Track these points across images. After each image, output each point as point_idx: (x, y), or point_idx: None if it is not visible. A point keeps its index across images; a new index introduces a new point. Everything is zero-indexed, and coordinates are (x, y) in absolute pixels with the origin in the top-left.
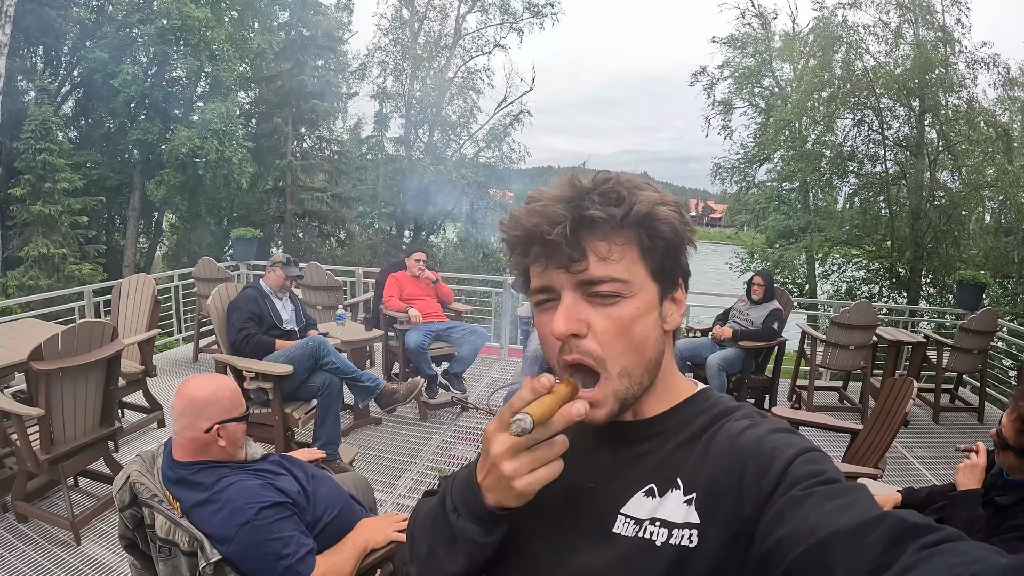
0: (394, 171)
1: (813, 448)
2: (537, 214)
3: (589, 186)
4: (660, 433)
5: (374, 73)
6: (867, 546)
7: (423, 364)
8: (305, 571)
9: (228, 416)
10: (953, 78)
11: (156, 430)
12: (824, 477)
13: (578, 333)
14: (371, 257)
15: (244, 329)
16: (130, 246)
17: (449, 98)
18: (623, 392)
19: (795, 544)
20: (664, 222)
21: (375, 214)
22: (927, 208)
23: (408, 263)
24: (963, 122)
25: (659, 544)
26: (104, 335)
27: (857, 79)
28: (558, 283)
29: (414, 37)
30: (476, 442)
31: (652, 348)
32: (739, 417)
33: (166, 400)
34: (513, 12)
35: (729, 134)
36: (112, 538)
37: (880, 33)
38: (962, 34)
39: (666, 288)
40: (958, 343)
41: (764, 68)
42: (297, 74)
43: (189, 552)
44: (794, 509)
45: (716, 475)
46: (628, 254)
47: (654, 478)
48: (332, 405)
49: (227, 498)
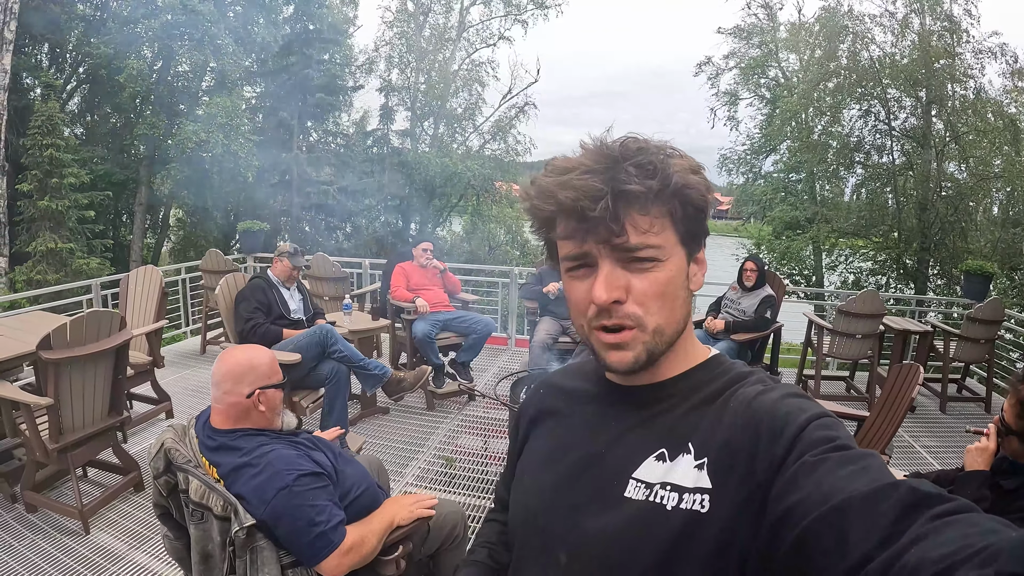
0: (400, 164)
1: (826, 414)
2: (573, 188)
3: (620, 153)
4: (673, 396)
5: (380, 67)
6: (880, 513)
7: (430, 353)
8: (337, 539)
9: (268, 382)
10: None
11: (164, 421)
12: (837, 443)
13: (620, 299)
14: (378, 250)
15: (252, 319)
16: (137, 240)
17: (454, 91)
18: (652, 345)
19: (809, 509)
20: (695, 190)
21: (381, 207)
22: (934, 199)
23: (415, 253)
24: (970, 112)
25: (669, 508)
26: (112, 325)
27: (863, 69)
28: (595, 252)
29: (419, 30)
30: (482, 432)
31: (682, 309)
32: (753, 382)
33: (174, 391)
34: (517, 4)
35: (735, 125)
36: (121, 527)
37: (886, 23)
38: (971, 24)
39: (692, 250)
40: (965, 332)
41: (770, 59)
42: (303, 68)
43: (222, 516)
44: (808, 474)
45: (729, 440)
46: (663, 223)
47: (665, 443)
48: (340, 393)
49: (267, 463)
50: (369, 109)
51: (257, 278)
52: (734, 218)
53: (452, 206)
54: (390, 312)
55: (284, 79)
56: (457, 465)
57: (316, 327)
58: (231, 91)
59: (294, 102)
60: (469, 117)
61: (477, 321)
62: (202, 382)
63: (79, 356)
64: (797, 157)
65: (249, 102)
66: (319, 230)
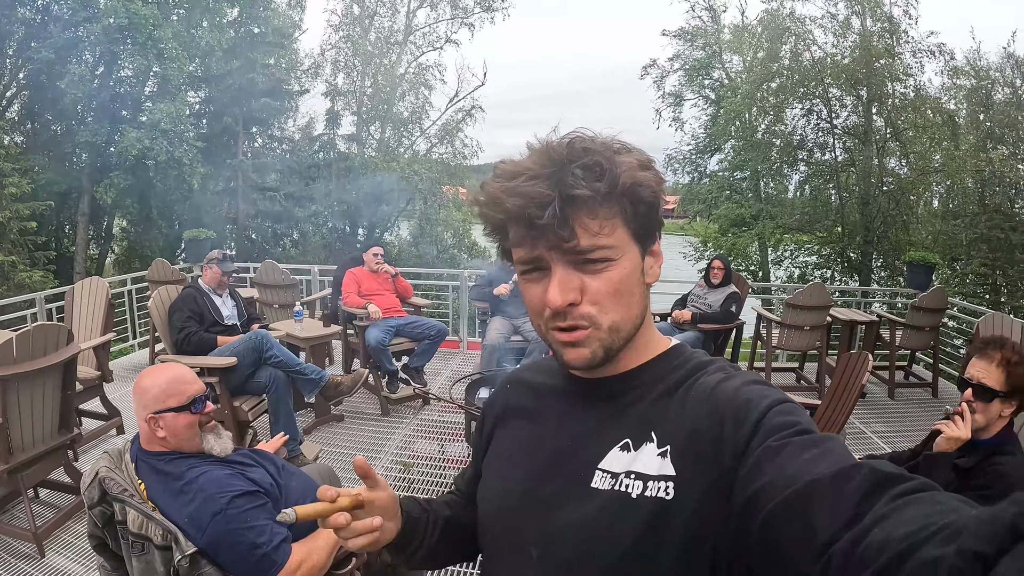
0: (346, 169)
1: (787, 399)
2: (520, 195)
3: (568, 156)
4: (636, 387)
5: (326, 71)
6: (844, 494)
7: (384, 360)
8: (281, 559)
9: (162, 406)
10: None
11: (115, 437)
12: (798, 428)
13: (574, 302)
14: (326, 256)
15: (185, 328)
16: (80, 252)
17: (401, 94)
18: (608, 342)
19: (773, 493)
20: (644, 187)
21: (327, 213)
22: (876, 194)
23: (365, 258)
24: (910, 110)
25: (635, 496)
26: (60, 339)
27: (805, 70)
28: (548, 257)
29: (364, 33)
30: (438, 436)
31: (639, 304)
32: (713, 371)
33: (124, 406)
34: (464, 7)
35: (680, 126)
36: (77, 548)
37: (828, 24)
38: (910, 24)
39: (646, 245)
40: (910, 321)
41: (714, 60)
42: (247, 72)
43: (163, 546)
44: (771, 459)
45: (692, 427)
46: (614, 223)
47: (629, 432)
48: (282, 400)
49: (197, 488)
50: (315, 114)
51: (188, 287)
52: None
53: (400, 211)
54: (342, 318)
55: (228, 84)
56: (414, 470)
57: (251, 332)
58: (175, 96)
59: (239, 107)
60: (416, 121)
61: (431, 326)
62: None
63: (27, 372)
64: (741, 156)
65: (193, 107)
66: (266, 237)
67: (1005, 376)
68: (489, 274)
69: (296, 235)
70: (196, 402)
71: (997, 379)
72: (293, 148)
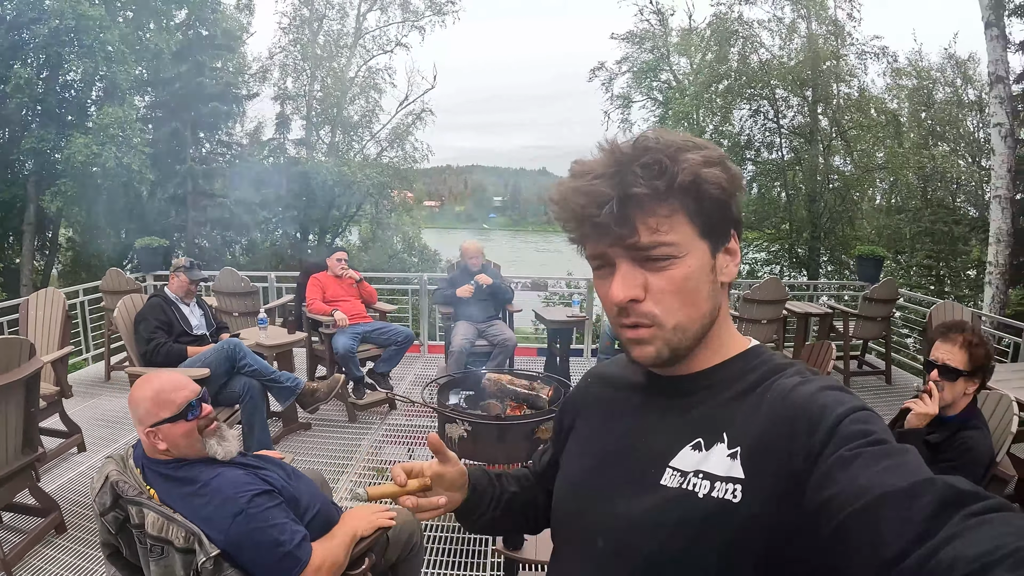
0: (297, 174)
1: (864, 407)
2: (582, 194)
3: (630, 155)
4: (711, 387)
5: (275, 75)
6: (916, 509)
7: (352, 367)
8: (304, 556)
9: (156, 419)
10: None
11: (77, 455)
12: (873, 437)
13: (636, 298)
14: (277, 263)
15: (153, 339)
16: (27, 263)
17: (351, 98)
18: (673, 342)
19: (844, 504)
20: (710, 183)
21: (277, 220)
22: (822, 191)
23: (330, 263)
24: (854, 109)
25: (701, 496)
26: (22, 353)
27: (753, 72)
28: (612, 253)
29: (314, 37)
30: (406, 442)
31: (707, 303)
32: (791, 374)
33: (83, 422)
34: (414, 10)
35: (629, 127)
36: (48, 574)
37: (775, 28)
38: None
39: (718, 242)
40: (862, 312)
41: (662, 63)
42: (196, 76)
43: (184, 549)
44: (844, 469)
45: (766, 431)
46: (676, 220)
47: (702, 432)
48: (257, 410)
49: (213, 490)
50: (263, 119)
51: (155, 296)
52: None
53: (350, 216)
54: (306, 325)
55: (176, 88)
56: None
57: (223, 342)
58: (123, 101)
59: (187, 112)
60: (366, 124)
61: (397, 332)
62: (112, 411)
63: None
64: None
65: (140, 112)
66: (216, 245)
67: (967, 356)
68: (451, 277)
69: (245, 242)
70: (191, 408)
71: (960, 360)
72: (242, 153)
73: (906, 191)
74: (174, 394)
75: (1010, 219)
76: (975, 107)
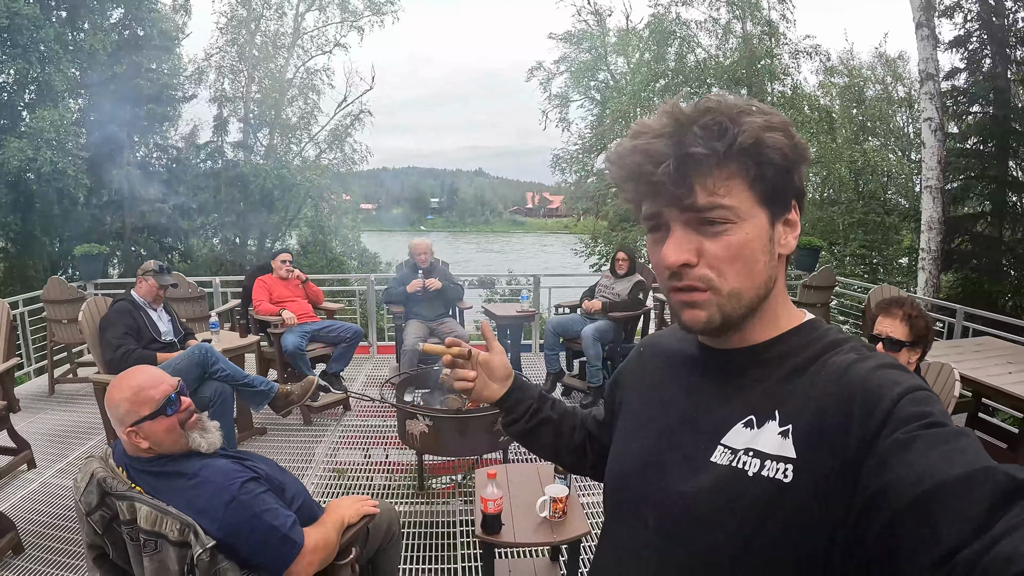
0: (235, 177)
1: (922, 387)
2: (640, 152)
3: (690, 116)
4: (765, 362)
5: (211, 76)
6: (974, 500)
7: (302, 366)
8: (299, 539)
9: (137, 418)
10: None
11: (27, 472)
12: (930, 419)
13: (688, 262)
14: (217, 268)
15: (122, 345)
16: None
17: (289, 99)
18: (727, 308)
19: (901, 491)
20: (772, 148)
21: (215, 225)
22: None
23: (274, 265)
24: (788, 107)
25: (751, 474)
26: None
27: (689, 71)
28: (667, 215)
29: (251, 37)
30: (362, 444)
31: (763, 273)
32: (847, 350)
33: (31, 438)
34: (353, 10)
35: (567, 126)
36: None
37: (711, 28)
38: (787, 28)
39: (777, 212)
40: (803, 299)
41: (600, 62)
42: (132, 77)
43: (179, 542)
44: (899, 454)
45: (819, 409)
46: (735, 184)
47: (754, 409)
48: (225, 415)
49: (204, 479)
50: (200, 121)
51: (122, 300)
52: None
53: (290, 220)
54: (253, 327)
55: (112, 89)
56: (348, 476)
57: (194, 347)
58: (57, 103)
59: (122, 114)
60: (304, 127)
61: (346, 329)
62: (60, 425)
63: None
64: None
65: (74, 115)
66: (153, 252)
67: (908, 328)
68: (401, 275)
69: (183, 248)
70: (170, 403)
71: (902, 332)
72: (179, 157)
73: (839, 184)
74: (152, 390)
75: (940, 208)
76: (904, 103)
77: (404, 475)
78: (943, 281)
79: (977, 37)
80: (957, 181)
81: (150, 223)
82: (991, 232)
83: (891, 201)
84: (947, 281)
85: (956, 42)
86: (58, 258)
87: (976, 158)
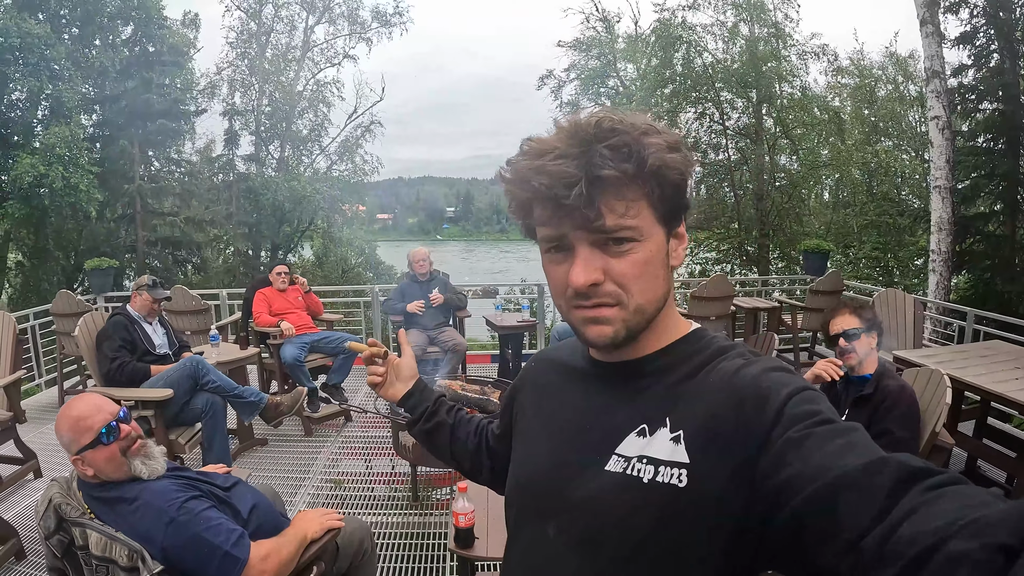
0: (247, 190)
1: (808, 387)
2: (547, 174)
3: (594, 135)
4: (655, 372)
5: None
6: (873, 488)
7: (302, 377)
8: (243, 555)
9: (79, 447)
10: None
11: (33, 481)
12: (820, 417)
13: (596, 282)
14: (230, 280)
15: (117, 358)
16: None
17: (300, 112)
18: (632, 323)
19: (800, 486)
20: (672, 169)
21: (227, 237)
22: (769, 189)
23: (271, 277)
24: (798, 109)
25: (646, 481)
26: None
27: (697, 75)
28: (572, 237)
29: (261, 51)
30: (363, 454)
31: (663, 287)
32: (734, 356)
33: (39, 448)
34: (362, 22)
35: None
36: None
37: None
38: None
39: (672, 227)
40: (809, 304)
41: (609, 69)
42: (143, 93)
43: (128, 567)
44: (795, 450)
45: (710, 414)
46: (640, 205)
47: (646, 418)
48: (218, 426)
49: (144, 503)
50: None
51: (117, 315)
52: None
53: (302, 231)
54: (254, 339)
55: (123, 105)
56: (345, 487)
57: (186, 359)
58: (69, 119)
59: (135, 129)
60: (315, 139)
61: (344, 339)
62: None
63: None
64: None
65: (87, 131)
66: (167, 264)
67: (858, 318)
68: (400, 287)
69: (197, 260)
70: (109, 432)
71: (855, 322)
72: (191, 171)
73: (851, 186)
74: (90, 420)
75: (950, 208)
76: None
77: (402, 486)
78: (957, 283)
79: (984, 32)
80: (967, 180)
81: (164, 236)
82: (1003, 231)
83: (905, 202)
84: (960, 283)
85: (963, 38)
86: (72, 272)
87: (986, 156)
